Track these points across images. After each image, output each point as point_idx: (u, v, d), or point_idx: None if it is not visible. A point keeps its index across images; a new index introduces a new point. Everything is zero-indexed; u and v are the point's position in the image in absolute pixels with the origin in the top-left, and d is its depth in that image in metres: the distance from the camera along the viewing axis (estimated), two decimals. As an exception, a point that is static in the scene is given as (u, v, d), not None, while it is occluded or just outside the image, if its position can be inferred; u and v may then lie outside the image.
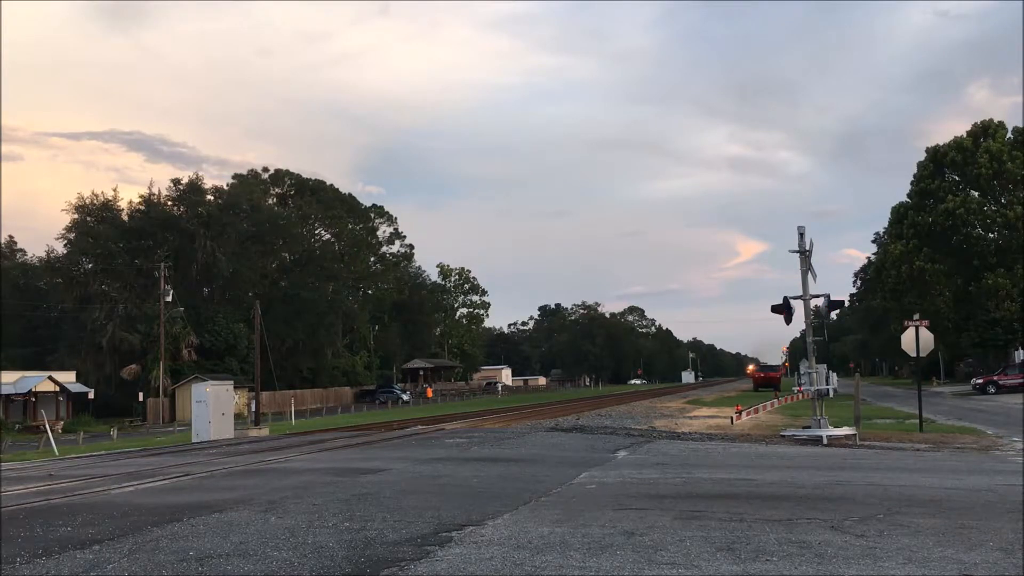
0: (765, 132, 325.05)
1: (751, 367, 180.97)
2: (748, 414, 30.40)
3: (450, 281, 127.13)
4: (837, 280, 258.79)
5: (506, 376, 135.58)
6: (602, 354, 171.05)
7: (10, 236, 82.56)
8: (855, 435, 19.43)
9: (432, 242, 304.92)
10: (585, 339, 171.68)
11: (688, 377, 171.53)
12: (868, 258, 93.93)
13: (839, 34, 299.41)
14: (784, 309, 20.35)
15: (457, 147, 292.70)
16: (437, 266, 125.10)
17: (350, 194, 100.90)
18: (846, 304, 32.54)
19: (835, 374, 21.59)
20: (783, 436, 20.44)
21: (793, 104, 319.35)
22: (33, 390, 50.86)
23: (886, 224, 68.55)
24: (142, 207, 71.39)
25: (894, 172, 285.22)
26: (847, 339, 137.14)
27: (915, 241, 57.35)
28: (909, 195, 60.69)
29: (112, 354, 64.65)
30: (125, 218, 70.87)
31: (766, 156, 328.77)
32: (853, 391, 25.92)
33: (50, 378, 53.00)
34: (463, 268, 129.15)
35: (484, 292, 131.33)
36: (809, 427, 20.11)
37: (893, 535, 7.43)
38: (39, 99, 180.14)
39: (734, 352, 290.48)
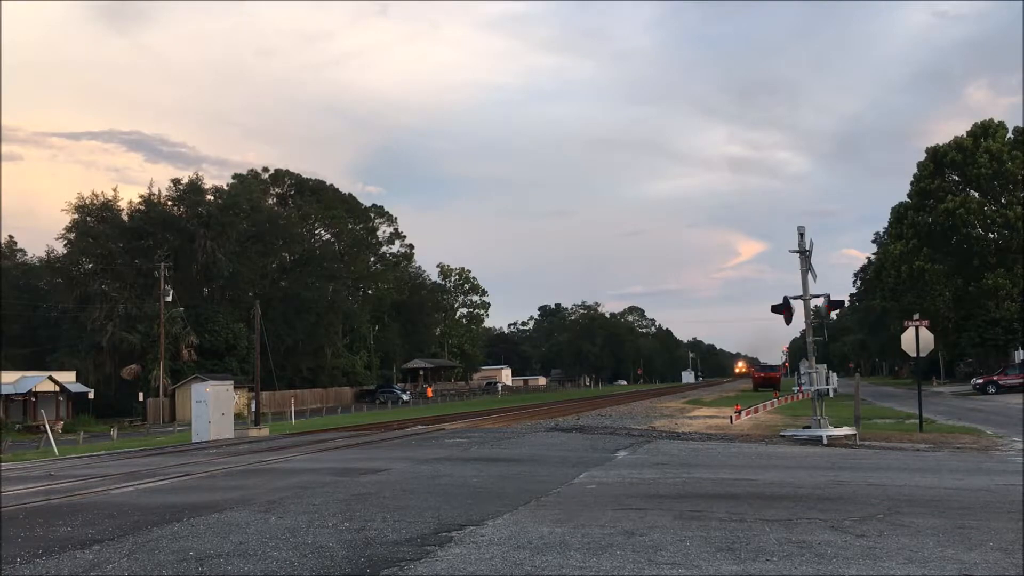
0: (765, 132, 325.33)
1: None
2: (747, 414, 30.36)
3: (450, 281, 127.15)
4: (837, 280, 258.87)
5: (506, 376, 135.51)
6: (602, 354, 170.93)
7: (10, 236, 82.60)
8: (855, 435, 19.41)
9: (432, 242, 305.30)
10: (585, 339, 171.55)
11: (688, 377, 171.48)
12: (868, 258, 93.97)
13: (839, 34, 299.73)
14: (784, 309, 20.34)
15: (457, 147, 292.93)
16: (437, 266, 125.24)
17: (350, 194, 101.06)
18: (846, 304, 32.50)
19: (835, 374, 21.57)
20: (783, 436, 20.43)
21: (793, 104, 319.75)
22: (33, 390, 50.83)
23: (886, 224, 68.60)
24: (142, 207, 71.32)
25: (894, 172, 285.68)
26: (847, 339, 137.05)
27: (915, 241, 57.30)
28: (909, 195, 60.64)
29: (112, 354, 64.64)
30: (125, 218, 70.81)
31: (765, 156, 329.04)
32: (853, 391, 25.91)
33: (50, 378, 52.98)
34: (463, 268, 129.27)
35: (484, 292, 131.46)
36: (809, 427, 20.10)
37: (893, 535, 7.43)
38: (39, 99, 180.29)
39: (734, 352, 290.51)
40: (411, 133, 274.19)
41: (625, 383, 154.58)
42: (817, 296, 20.37)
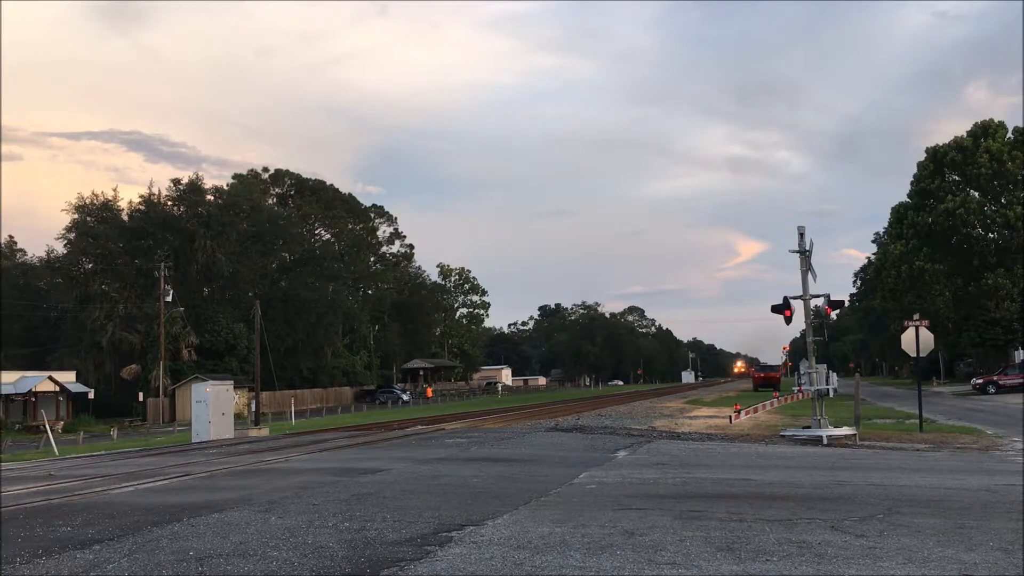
0: (764, 132, 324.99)
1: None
2: (747, 413, 30.38)
3: (450, 281, 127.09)
4: (837, 280, 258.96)
5: (506, 376, 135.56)
6: (602, 354, 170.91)
7: (10, 236, 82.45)
8: (855, 435, 19.41)
9: (432, 242, 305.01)
10: (585, 339, 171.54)
11: (688, 377, 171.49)
12: (868, 258, 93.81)
13: (838, 34, 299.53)
14: (784, 309, 20.35)
15: (457, 147, 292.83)
16: (437, 266, 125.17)
17: (350, 194, 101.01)
18: (846, 304, 32.45)
19: (835, 374, 21.56)
20: (783, 436, 20.44)
21: (793, 104, 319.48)
22: (33, 390, 50.83)
23: (886, 224, 68.53)
24: (142, 207, 71.32)
25: (894, 172, 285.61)
26: (847, 339, 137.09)
27: (915, 241, 57.28)
28: (909, 195, 60.63)
29: (112, 354, 64.63)
30: (125, 218, 70.80)
31: (765, 156, 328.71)
32: (853, 391, 25.90)
33: (50, 378, 52.97)
34: (463, 268, 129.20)
35: (484, 292, 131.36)
36: (809, 427, 20.11)
37: (893, 535, 7.43)
38: (39, 99, 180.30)
39: (734, 352, 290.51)
40: (411, 133, 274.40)
41: (621, 383, 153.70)
42: (817, 296, 20.38)
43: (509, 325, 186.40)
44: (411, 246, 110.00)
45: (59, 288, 68.32)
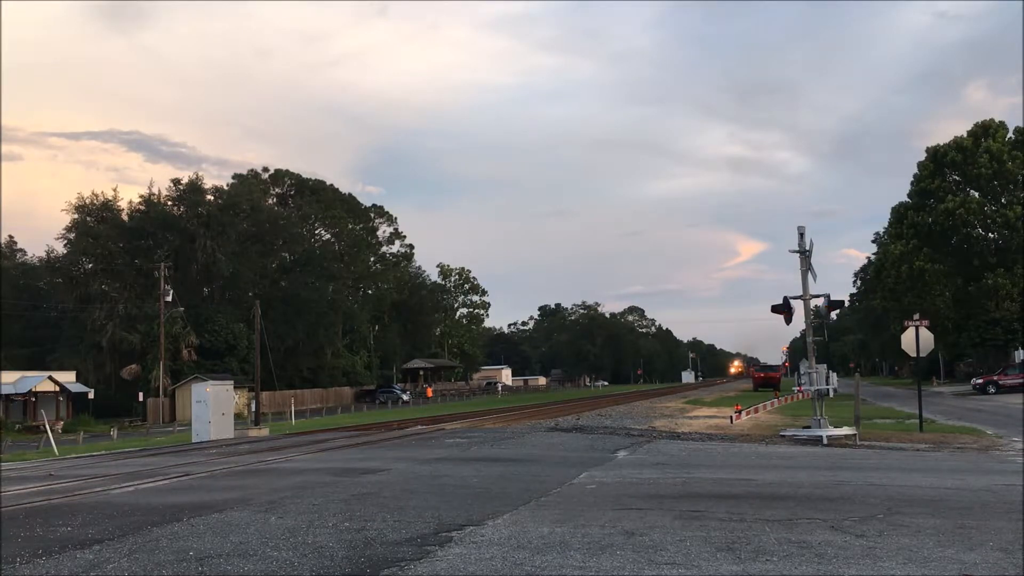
0: (764, 132, 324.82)
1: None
2: (748, 414, 30.38)
3: (450, 281, 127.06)
4: (837, 280, 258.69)
5: (506, 376, 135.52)
6: (602, 354, 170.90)
7: (10, 236, 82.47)
8: (855, 435, 19.41)
9: (432, 242, 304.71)
10: (585, 339, 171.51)
11: (688, 377, 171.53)
12: (868, 258, 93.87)
13: (839, 34, 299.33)
14: (784, 309, 20.34)
15: (457, 147, 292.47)
16: (437, 266, 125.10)
17: (350, 194, 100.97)
18: (846, 304, 32.44)
19: (835, 374, 21.56)
20: (783, 436, 20.43)
21: (792, 104, 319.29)
22: (33, 390, 50.83)
23: (886, 224, 68.63)
24: (142, 207, 71.35)
25: (894, 172, 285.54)
26: (847, 339, 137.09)
27: (915, 241, 57.32)
28: (909, 195, 60.69)
29: (112, 354, 64.63)
30: (125, 218, 70.82)
31: (765, 156, 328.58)
32: (853, 391, 25.89)
33: (50, 378, 52.98)
34: (463, 268, 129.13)
35: (484, 292, 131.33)
36: (809, 427, 20.10)
37: (893, 535, 7.43)
38: (39, 99, 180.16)
39: (734, 352, 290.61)
40: (411, 133, 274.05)
41: (605, 383, 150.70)
42: (817, 296, 20.36)
43: (509, 325, 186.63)
44: (411, 246, 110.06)
45: (59, 288, 68.33)
